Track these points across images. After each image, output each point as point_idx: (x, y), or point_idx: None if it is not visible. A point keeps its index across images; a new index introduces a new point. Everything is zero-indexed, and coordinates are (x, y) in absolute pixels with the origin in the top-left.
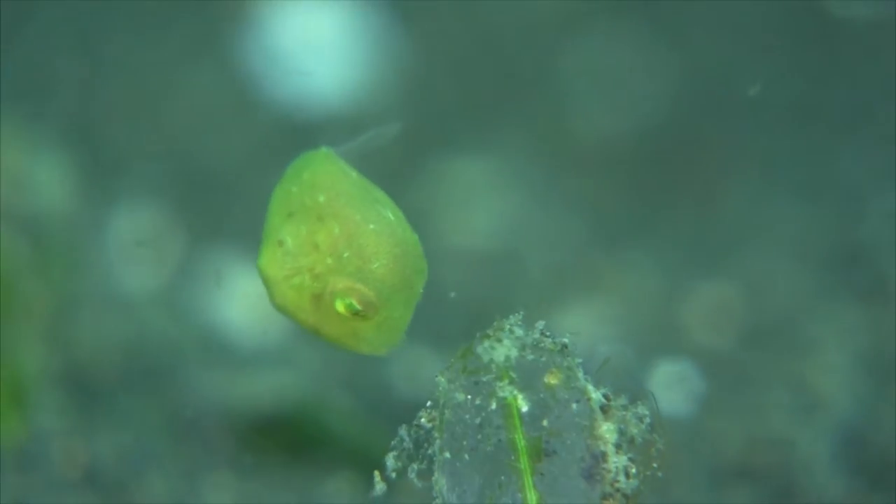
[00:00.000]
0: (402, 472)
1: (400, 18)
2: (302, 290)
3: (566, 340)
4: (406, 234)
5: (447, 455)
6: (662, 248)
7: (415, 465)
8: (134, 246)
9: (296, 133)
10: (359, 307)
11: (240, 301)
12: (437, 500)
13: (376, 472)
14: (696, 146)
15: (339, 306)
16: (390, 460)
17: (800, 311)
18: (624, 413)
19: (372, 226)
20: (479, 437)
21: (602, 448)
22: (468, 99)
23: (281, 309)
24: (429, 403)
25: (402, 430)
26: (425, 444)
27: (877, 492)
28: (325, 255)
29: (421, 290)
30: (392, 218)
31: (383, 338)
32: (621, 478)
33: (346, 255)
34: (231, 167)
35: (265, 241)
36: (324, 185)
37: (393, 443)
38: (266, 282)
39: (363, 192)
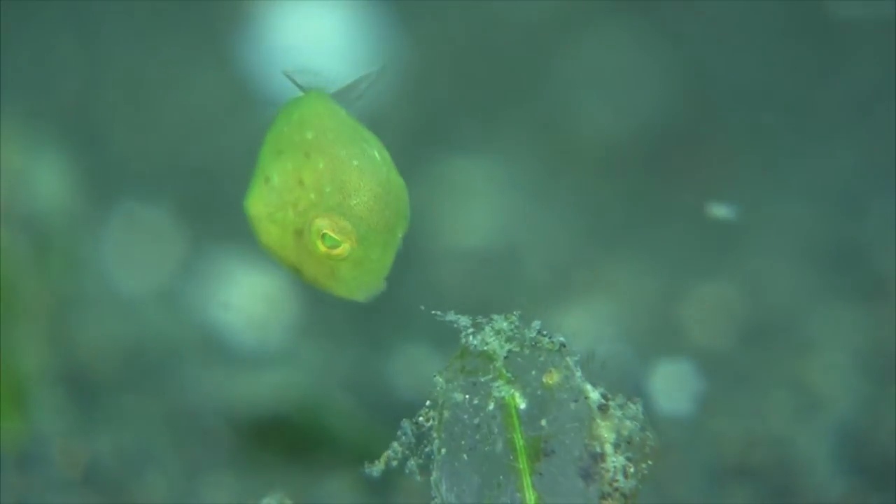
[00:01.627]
0: (401, 464)
1: (400, 18)
2: (285, 226)
3: (564, 339)
4: (391, 176)
5: (446, 454)
6: (662, 247)
7: (413, 461)
8: (133, 245)
9: None
10: (334, 237)
11: (240, 301)
12: (435, 500)
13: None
14: (696, 146)
15: (317, 240)
16: (393, 450)
17: (800, 311)
18: (619, 413)
19: (356, 162)
20: (478, 436)
21: (600, 448)
22: (468, 98)
23: (266, 247)
24: (427, 403)
25: (406, 423)
26: (425, 441)
27: (877, 492)
28: (309, 190)
29: (401, 236)
30: (377, 157)
31: (361, 281)
32: (619, 477)
33: (327, 190)
34: (231, 167)
35: (254, 180)
36: (312, 122)
37: (398, 433)
38: (251, 219)
39: (350, 130)
